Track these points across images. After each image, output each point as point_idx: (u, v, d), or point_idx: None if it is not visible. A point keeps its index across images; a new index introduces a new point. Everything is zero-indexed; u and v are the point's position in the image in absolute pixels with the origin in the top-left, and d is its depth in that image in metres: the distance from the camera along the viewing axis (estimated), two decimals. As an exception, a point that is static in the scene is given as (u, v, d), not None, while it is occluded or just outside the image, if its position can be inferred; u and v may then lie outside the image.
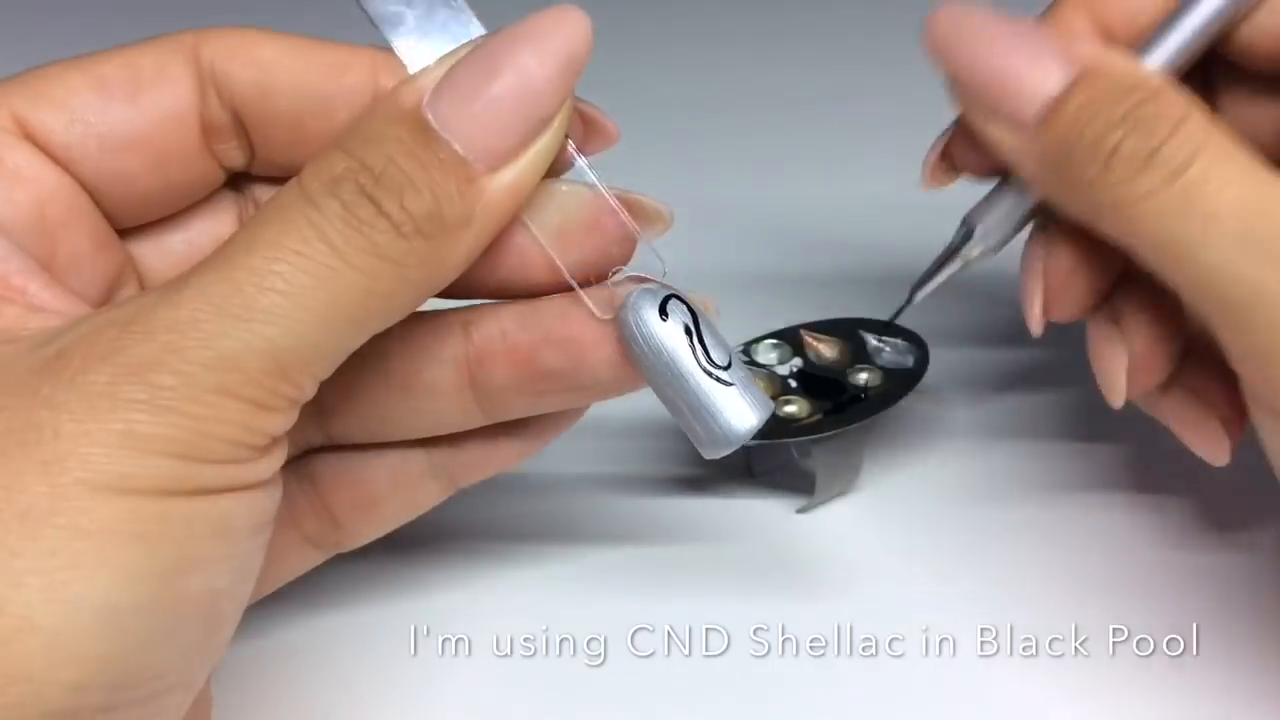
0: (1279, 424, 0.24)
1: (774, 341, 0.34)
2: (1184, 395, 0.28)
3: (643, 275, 0.24)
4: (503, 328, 0.24)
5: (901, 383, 0.33)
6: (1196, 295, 0.24)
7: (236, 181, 0.26)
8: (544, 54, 0.22)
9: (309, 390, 0.21)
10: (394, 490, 0.26)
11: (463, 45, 0.22)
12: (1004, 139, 0.25)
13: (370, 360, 0.24)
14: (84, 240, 0.24)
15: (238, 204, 0.26)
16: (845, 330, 0.34)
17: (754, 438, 0.31)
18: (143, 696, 0.20)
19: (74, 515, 0.18)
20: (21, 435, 0.19)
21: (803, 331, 0.34)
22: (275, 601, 0.28)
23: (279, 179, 0.26)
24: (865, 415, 0.32)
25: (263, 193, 0.26)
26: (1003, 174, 0.27)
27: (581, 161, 0.24)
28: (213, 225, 0.26)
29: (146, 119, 0.24)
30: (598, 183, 0.24)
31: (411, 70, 0.23)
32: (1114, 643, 0.29)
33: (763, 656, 0.29)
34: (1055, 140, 0.24)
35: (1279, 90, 0.27)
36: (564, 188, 0.24)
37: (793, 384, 0.33)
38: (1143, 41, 0.26)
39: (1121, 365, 0.27)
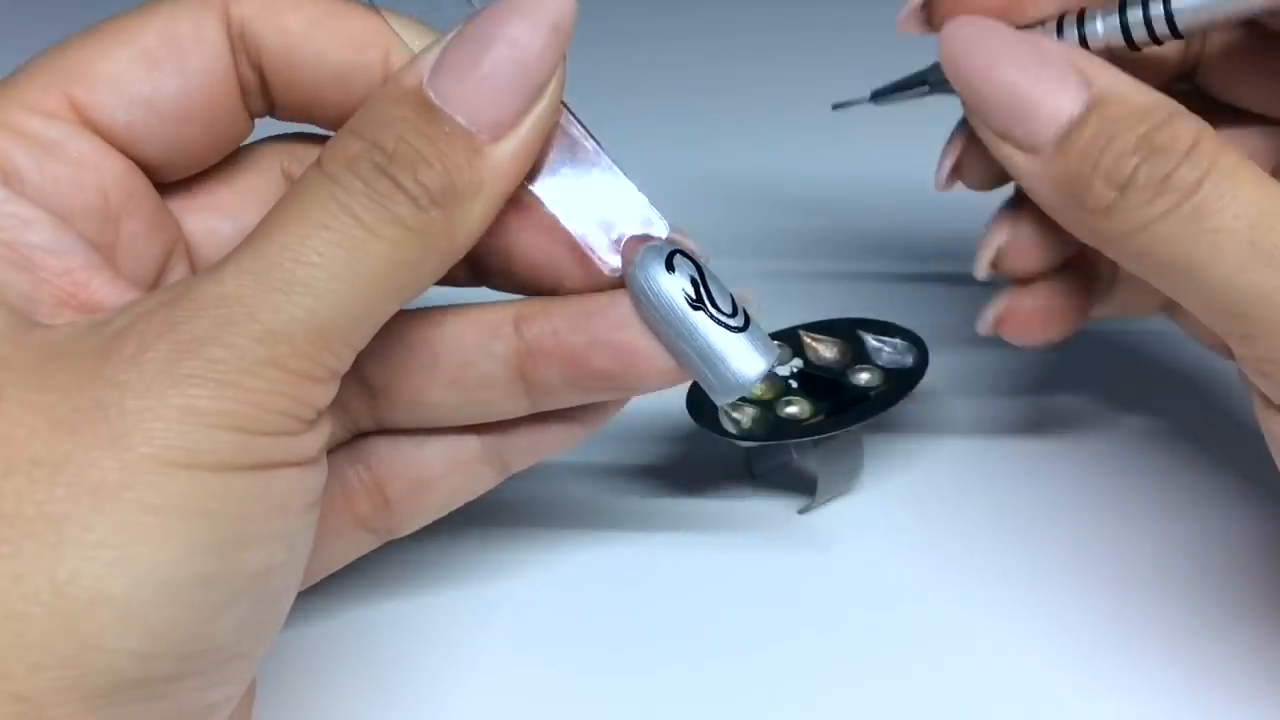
0: None
1: (774, 342, 0.34)
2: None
3: (648, 234, 0.25)
4: (554, 327, 0.25)
5: (901, 383, 0.33)
6: (1208, 312, 0.24)
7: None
8: (532, 23, 0.23)
9: (347, 361, 0.22)
10: (447, 474, 0.27)
11: (458, 22, 0.23)
12: (1016, 160, 0.25)
13: (420, 351, 0.25)
14: (142, 221, 0.24)
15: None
16: (845, 330, 0.34)
17: (754, 440, 0.32)
18: (205, 667, 0.20)
19: (142, 490, 0.19)
20: (88, 413, 0.19)
21: (802, 332, 0.34)
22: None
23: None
24: (865, 415, 0.32)
25: None
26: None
27: (592, 143, 0.25)
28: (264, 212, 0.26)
29: (195, 88, 0.24)
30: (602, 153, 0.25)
31: (414, 48, 0.24)
32: (1114, 642, 0.29)
33: (763, 657, 0.29)
34: (1070, 166, 0.24)
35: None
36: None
37: (793, 384, 0.33)
38: None
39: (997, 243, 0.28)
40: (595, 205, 0.25)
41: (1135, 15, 0.26)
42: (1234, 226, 0.23)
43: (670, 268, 0.24)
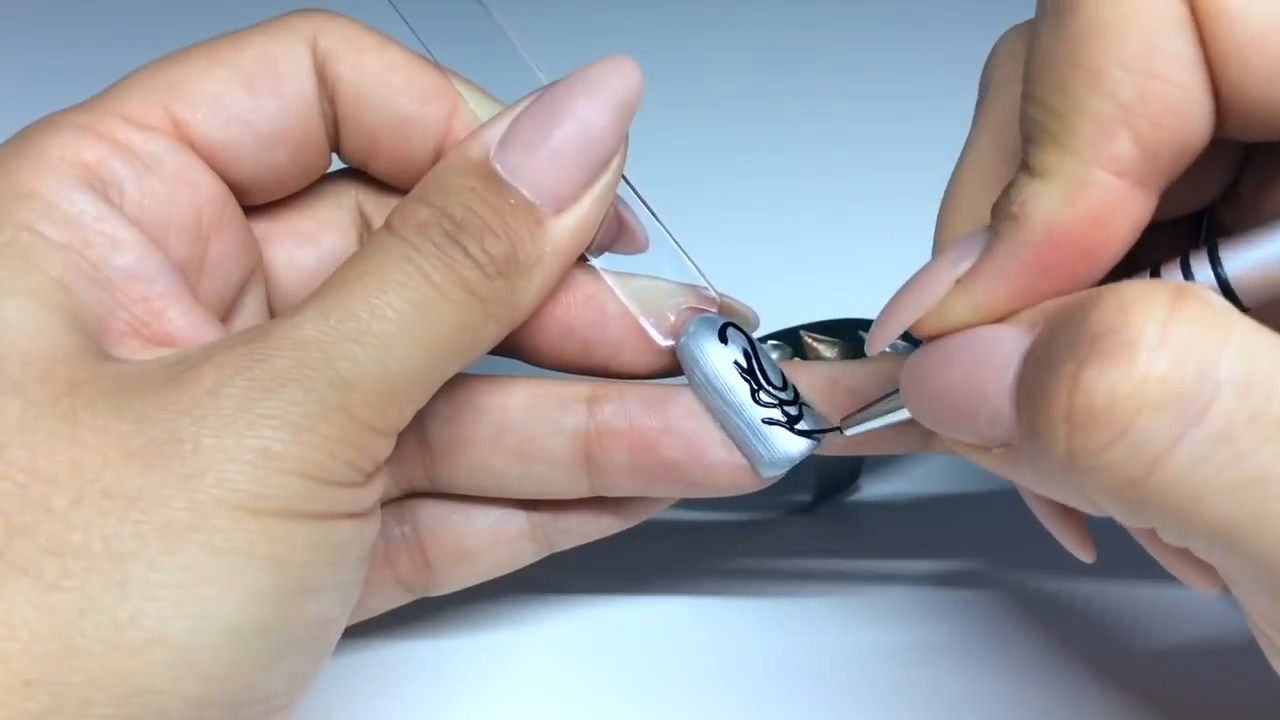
0: None
1: (774, 342, 0.34)
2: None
3: (702, 307, 0.25)
4: (627, 409, 0.25)
5: (902, 383, 0.33)
6: (1250, 584, 0.17)
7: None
8: (600, 103, 0.23)
9: (408, 417, 0.22)
10: (492, 546, 0.27)
11: (525, 97, 0.24)
12: (999, 463, 0.20)
13: (489, 417, 0.25)
14: (230, 243, 0.24)
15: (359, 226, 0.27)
16: (845, 330, 0.34)
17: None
18: (252, 717, 0.20)
19: (210, 533, 0.19)
20: (163, 447, 0.19)
21: (803, 332, 0.34)
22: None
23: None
24: (866, 416, 0.32)
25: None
26: None
27: (649, 215, 0.25)
28: (342, 242, 0.26)
29: (290, 111, 0.24)
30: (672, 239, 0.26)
31: (480, 115, 0.25)
32: (1115, 642, 0.29)
33: (763, 657, 0.29)
34: (1025, 428, 0.18)
35: None
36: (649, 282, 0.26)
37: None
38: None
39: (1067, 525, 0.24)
40: (650, 279, 0.25)
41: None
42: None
43: (723, 339, 0.25)
